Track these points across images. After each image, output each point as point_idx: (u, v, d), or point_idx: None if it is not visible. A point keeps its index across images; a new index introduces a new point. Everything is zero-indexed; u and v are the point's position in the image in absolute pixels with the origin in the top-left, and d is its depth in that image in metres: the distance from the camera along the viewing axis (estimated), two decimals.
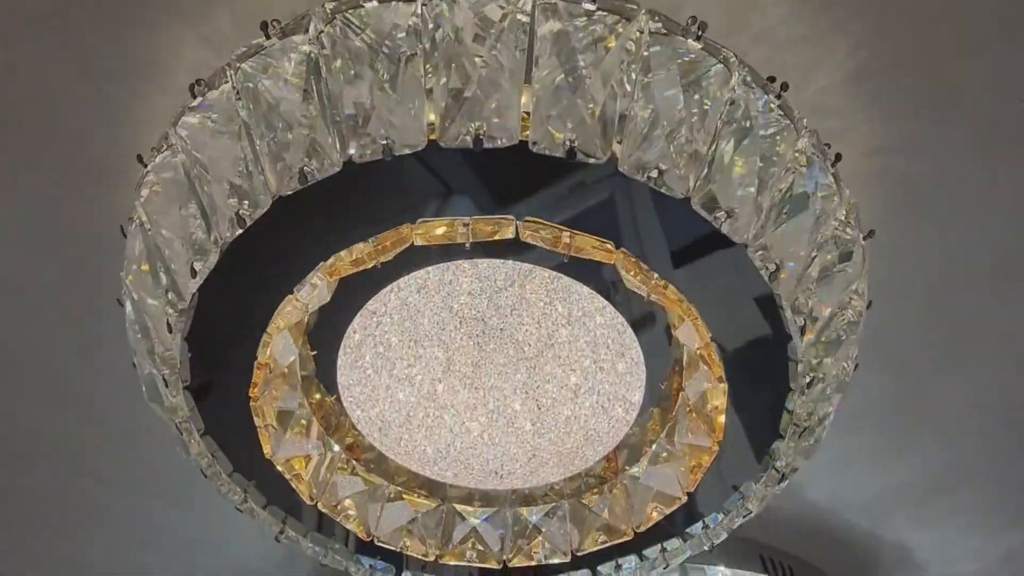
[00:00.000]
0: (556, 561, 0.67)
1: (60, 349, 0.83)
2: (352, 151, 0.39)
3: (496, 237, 0.44)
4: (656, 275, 0.46)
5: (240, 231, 0.42)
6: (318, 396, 0.66)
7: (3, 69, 0.60)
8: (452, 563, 0.68)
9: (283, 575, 1.20)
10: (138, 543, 1.10)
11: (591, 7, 0.40)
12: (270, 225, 0.43)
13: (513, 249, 0.47)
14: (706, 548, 0.64)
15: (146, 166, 0.48)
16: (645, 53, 0.41)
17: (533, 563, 0.67)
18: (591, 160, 0.38)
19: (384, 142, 0.38)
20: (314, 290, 0.47)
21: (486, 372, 0.58)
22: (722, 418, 0.54)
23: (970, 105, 0.62)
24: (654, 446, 0.64)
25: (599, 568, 0.70)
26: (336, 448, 0.66)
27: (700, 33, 0.42)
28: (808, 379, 0.49)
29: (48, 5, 0.56)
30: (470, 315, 0.55)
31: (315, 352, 0.62)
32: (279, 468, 0.59)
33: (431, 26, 0.40)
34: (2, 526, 1.04)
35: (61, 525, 1.06)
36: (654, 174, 0.39)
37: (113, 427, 0.92)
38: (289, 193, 0.40)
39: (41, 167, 0.66)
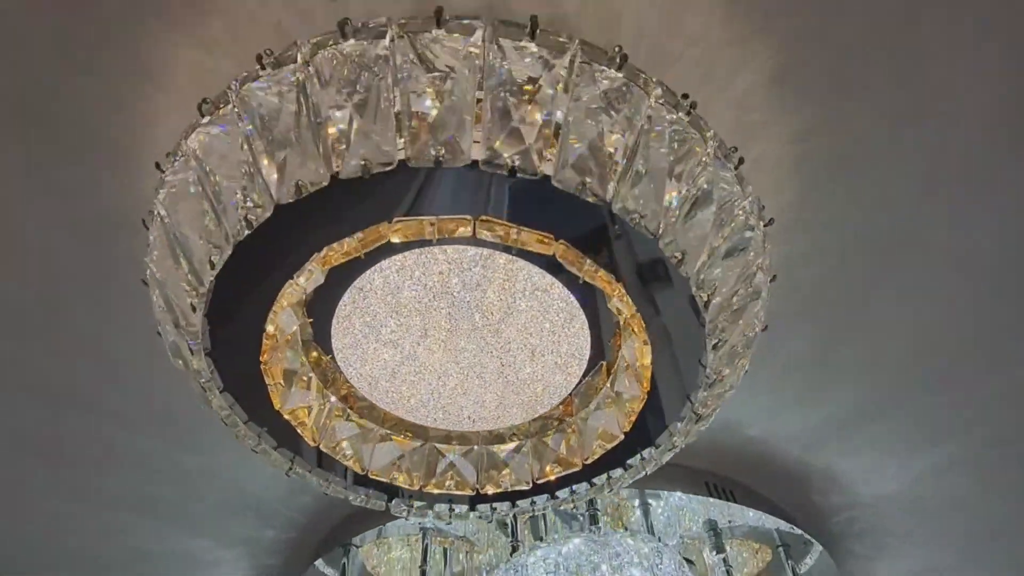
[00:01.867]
0: (520, 488, 0.80)
1: (86, 312, 0.93)
2: (336, 169, 0.49)
3: (457, 234, 0.54)
4: (588, 261, 0.56)
5: (249, 231, 0.51)
6: (315, 356, 0.78)
7: (33, 78, 0.68)
8: (434, 492, 0.81)
9: (286, 507, 1.35)
10: (154, 479, 1.24)
11: (531, 45, 0.49)
12: (273, 223, 0.53)
13: (474, 240, 0.57)
14: (644, 474, 0.77)
15: (163, 171, 0.57)
16: (575, 80, 0.50)
17: (501, 490, 0.81)
18: (531, 176, 0.48)
19: (362, 162, 0.48)
20: (310, 276, 0.58)
21: (457, 336, 0.69)
22: (648, 373, 0.66)
23: (874, 93, 0.71)
24: (601, 393, 0.77)
25: (557, 493, 0.84)
26: (333, 399, 0.78)
27: (622, 62, 0.51)
28: (715, 341, 0.61)
29: (66, 22, 0.64)
30: (442, 290, 0.65)
31: (312, 319, 0.73)
32: (286, 417, 0.71)
33: (399, 61, 0.48)
34: (39, 463, 1.17)
35: (86, 463, 1.19)
36: (580, 186, 0.49)
37: (133, 380, 1.03)
38: (288, 201, 0.50)
39: (63, 154, 0.75)
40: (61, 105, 0.70)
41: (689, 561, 1.37)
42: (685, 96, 0.55)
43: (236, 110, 0.51)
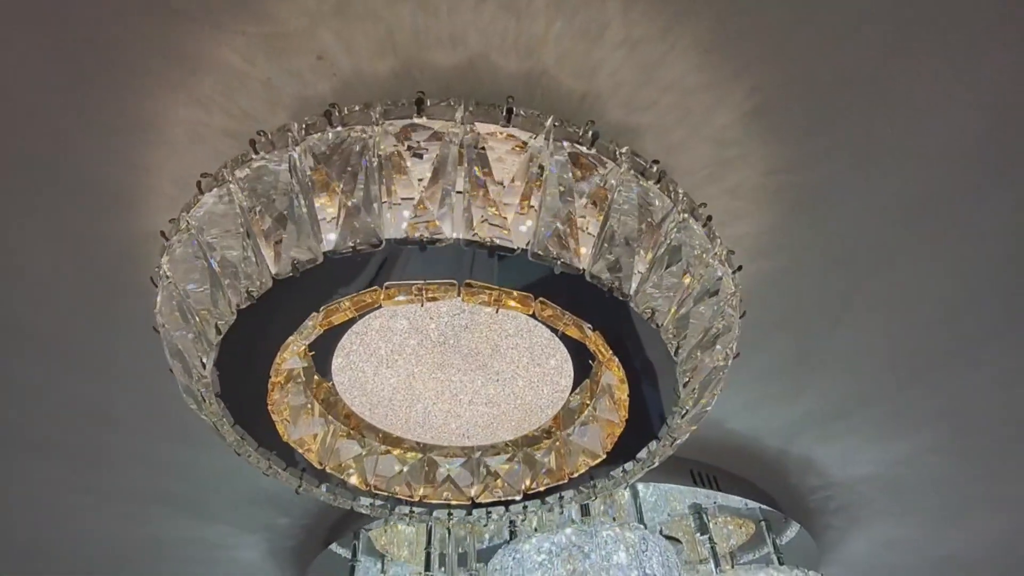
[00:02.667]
0: (512, 498, 0.87)
1: (105, 336, 0.98)
2: (332, 246, 0.52)
3: (444, 296, 0.58)
4: (567, 315, 0.60)
5: (250, 302, 0.56)
6: (317, 380, 0.83)
7: (41, 134, 0.71)
8: (433, 501, 0.88)
9: (299, 498, 1.43)
10: (173, 476, 1.33)
11: (508, 129, 0.52)
12: (272, 292, 0.57)
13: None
14: (624, 486, 0.84)
15: (167, 239, 0.61)
16: (548, 157, 0.53)
17: (494, 499, 0.87)
18: (510, 253, 0.52)
19: (352, 244, 0.51)
20: (311, 332, 0.62)
21: (448, 370, 0.74)
22: (626, 404, 0.71)
23: (847, 131, 0.74)
24: (584, 414, 0.82)
25: (547, 498, 0.90)
26: (336, 422, 0.84)
27: (594, 139, 0.54)
28: (687, 379, 0.66)
29: (69, 82, 0.66)
30: (433, 331, 0.70)
31: (313, 352, 0.78)
32: (293, 445, 0.77)
33: (383, 146, 0.52)
34: (67, 468, 1.26)
35: (108, 464, 1.27)
36: (555, 259, 0.53)
37: (150, 395, 1.10)
38: (285, 277, 0.54)
39: (68, 200, 0.78)
40: (66, 157, 0.73)
41: (676, 539, 1.46)
42: (656, 161, 0.58)
43: (232, 189, 0.55)
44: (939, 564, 1.79)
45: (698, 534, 1.34)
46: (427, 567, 1.33)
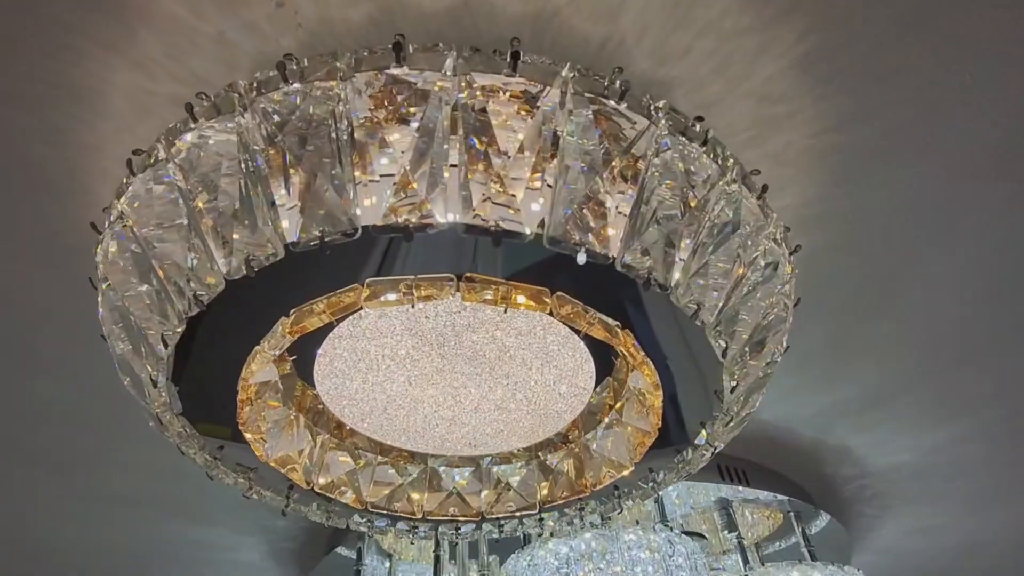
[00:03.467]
0: (526, 513, 0.77)
1: (73, 336, 0.88)
2: (294, 237, 0.41)
3: (439, 295, 0.47)
4: (591, 311, 0.49)
5: (200, 309, 0.45)
6: (301, 387, 0.72)
7: None
8: (437, 517, 0.78)
9: None
10: (165, 480, 1.25)
11: (512, 79, 0.40)
12: (228, 295, 0.46)
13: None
14: (652, 498, 0.74)
15: (99, 232, 0.50)
16: (567, 118, 0.42)
17: (506, 513, 0.78)
18: (520, 239, 0.41)
19: (319, 233, 0.40)
20: (280, 340, 0.51)
21: (450, 375, 0.63)
22: (659, 412, 0.61)
23: (907, 78, 0.62)
24: (608, 415, 0.72)
25: (566, 510, 0.81)
26: (323, 433, 0.74)
27: (623, 90, 0.42)
28: (735, 383, 0.55)
29: None
30: (430, 332, 0.59)
31: (294, 357, 0.68)
32: (274, 466, 0.67)
33: (354, 107, 0.40)
34: (66, 476, 1.20)
35: (103, 469, 1.20)
36: (577, 246, 0.42)
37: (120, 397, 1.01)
38: (240, 277, 0.43)
39: (15, 186, 0.67)
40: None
41: (699, 535, 1.37)
42: (699, 119, 0.46)
43: (169, 168, 0.44)
44: (971, 549, 1.70)
45: (725, 531, 1.25)
46: (436, 572, 1.25)
